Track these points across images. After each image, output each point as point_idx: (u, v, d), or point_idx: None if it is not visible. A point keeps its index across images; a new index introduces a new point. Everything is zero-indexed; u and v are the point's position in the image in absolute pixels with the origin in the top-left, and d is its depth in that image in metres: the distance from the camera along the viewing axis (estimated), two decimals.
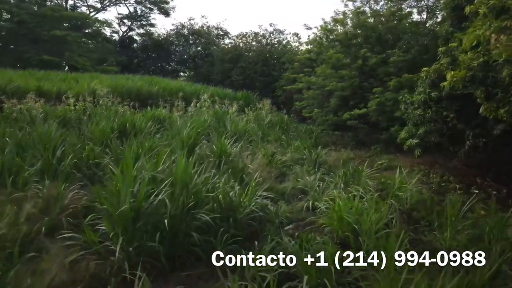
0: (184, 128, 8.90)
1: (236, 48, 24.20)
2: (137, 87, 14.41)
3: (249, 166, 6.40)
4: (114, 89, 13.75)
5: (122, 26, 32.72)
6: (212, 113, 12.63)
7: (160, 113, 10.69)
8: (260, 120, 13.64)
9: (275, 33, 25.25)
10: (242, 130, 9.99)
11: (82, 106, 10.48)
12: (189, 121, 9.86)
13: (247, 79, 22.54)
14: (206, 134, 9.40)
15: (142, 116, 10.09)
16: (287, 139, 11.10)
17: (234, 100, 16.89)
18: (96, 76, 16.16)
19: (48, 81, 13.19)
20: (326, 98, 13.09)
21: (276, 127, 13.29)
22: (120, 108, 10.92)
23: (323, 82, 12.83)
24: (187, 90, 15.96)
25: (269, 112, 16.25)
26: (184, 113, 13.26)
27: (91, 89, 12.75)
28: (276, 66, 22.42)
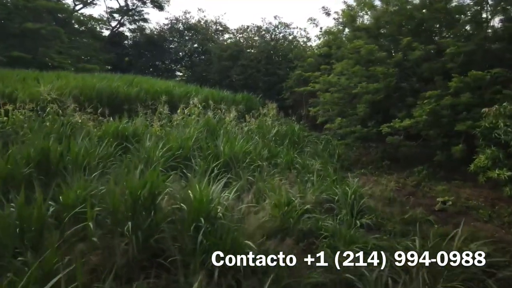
0: (154, 151, 6.00)
1: (236, 43, 21.29)
2: (111, 89, 11.50)
3: (248, 244, 3.42)
4: (81, 92, 10.87)
5: (112, 21, 29.86)
6: (203, 122, 9.73)
7: (127, 127, 7.76)
8: (265, 131, 10.73)
9: (280, 27, 22.32)
10: (240, 151, 7.07)
11: (19, 115, 7.58)
12: (167, 138, 6.97)
13: (249, 79, 19.63)
14: (187, 158, 6.49)
15: (101, 131, 7.20)
16: (303, 160, 8.18)
17: (232, 104, 13.95)
18: (65, 75, 13.26)
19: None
20: (350, 103, 10.17)
21: (286, 139, 10.38)
22: (77, 117, 8.02)
23: (346, 82, 9.89)
24: (175, 93, 13.05)
25: (275, 119, 13.34)
26: (168, 122, 10.37)
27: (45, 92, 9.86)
28: (282, 64, 19.48)
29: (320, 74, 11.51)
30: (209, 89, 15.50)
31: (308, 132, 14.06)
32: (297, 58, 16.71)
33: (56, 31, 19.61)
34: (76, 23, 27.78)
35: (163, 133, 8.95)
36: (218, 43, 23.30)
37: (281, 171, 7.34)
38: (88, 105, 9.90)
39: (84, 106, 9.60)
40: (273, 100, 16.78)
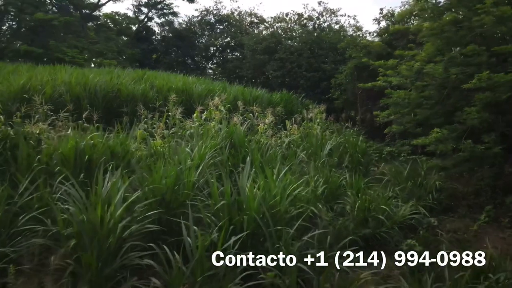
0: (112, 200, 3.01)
1: (273, 34, 18.16)
2: (109, 87, 8.73)
3: None
4: (69, 89, 8.18)
5: (139, 15, 27.69)
6: (226, 132, 6.68)
7: (114, 144, 4.83)
8: (314, 144, 7.51)
9: (325, 14, 18.95)
10: (282, 200, 3.82)
11: None
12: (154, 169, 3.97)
13: (288, 75, 16.43)
14: (175, 214, 3.45)
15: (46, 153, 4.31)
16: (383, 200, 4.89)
17: (268, 106, 10.85)
18: (62, 69, 10.72)
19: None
20: (444, 104, 6.74)
21: (345, 157, 7.12)
22: (32, 127, 5.20)
23: (439, 72, 6.46)
24: (195, 91, 10.11)
25: (325, 127, 10.08)
26: (179, 130, 7.44)
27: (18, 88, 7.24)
28: (329, 57, 16.12)
29: (398, 62, 8.09)
30: (239, 87, 12.46)
31: (369, 141, 10.72)
32: (349, 47, 13.30)
33: (70, 22, 17.41)
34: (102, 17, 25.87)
35: (165, 150, 6.04)
36: (253, 34, 20.28)
37: (355, 227, 4.14)
38: (75, 107, 7.20)
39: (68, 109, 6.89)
40: (318, 101, 13.55)
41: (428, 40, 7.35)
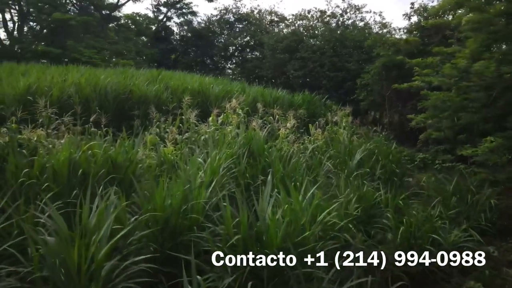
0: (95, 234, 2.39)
1: (294, 33, 17.39)
2: (121, 87, 8.22)
3: None
4: (78, 90, 7.72)
5: (158, 15, 27.43)
6: (244, 139, 6.01)
7: (116, 153, 4.24)
8: (342, 152, 6.75)
9: (349, 11, 18.05)
10: (312, 228, 3.10)
11: None
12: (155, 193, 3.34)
13: (309, 75, 15.65)
14: (177, 248, 2.81)
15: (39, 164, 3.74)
16: (430, 226, 4.10)
17: (290, 108, 10.14)
18: (75, 70, 10.32)
19: None
20: (492, 108, 5.87)
21: (376, 167, 6.33)
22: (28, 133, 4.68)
23: (489, 70, 5.59)
24: (212, 92, 9.50)
25: (351, 131, 9.27)
26: (194, 136, 6.83)
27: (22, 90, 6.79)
28: (354, 56, 15.25)
29: (439, 59, 7.23)
30: (258, 88, 11.79)
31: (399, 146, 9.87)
32: (377, 45, 12.42)
33: (88, 22, 17.17)
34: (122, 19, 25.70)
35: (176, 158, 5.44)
36: (273, 32, 19.56)
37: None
38: (83, 109, 6.70)
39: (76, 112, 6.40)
40: (341, 102, 12.74)
41: (470, 35, 6.48)
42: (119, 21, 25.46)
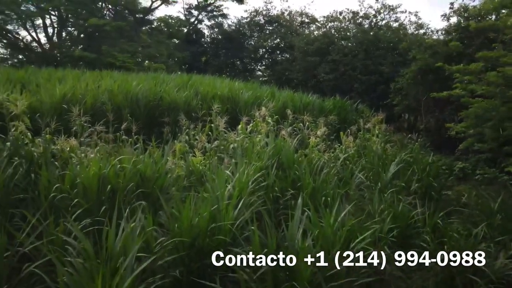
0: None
1: (325, 35, 17.07)
2: (152, 94, 8.32)
3: None
4: (111, 97, 7.87)
5: (190, 18, 27.77)
6: (273, 149, 5.87)
7: (145, 166, 4.22)
8: (375, 163, 6.46)
9: (383, 12, 17.49)
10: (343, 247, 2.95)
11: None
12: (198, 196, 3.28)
13: (340, 78, 15.28)
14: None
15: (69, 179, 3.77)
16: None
17: (320, 114, 9.92)
18: (108, 75, 10.57)
19: None
20: None
21: (413, 180, 6.01)
22: (59, 143, 4.75)
23: None
24: (242, 98, 9.43)
25: (385, 139, 8.91)
26: (222, 143, 6.77)
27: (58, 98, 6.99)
28: (387, 58, 14.75)
29: (482, 66, 6.79)
30: (288, 92, 11.61)
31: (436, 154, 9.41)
32: (413, 48, 11.92)
33: (121, 28, 17.62)
34: (155, 21, 26.24)
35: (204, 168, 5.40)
36: (304, 34, 19.29)
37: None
38: (115, 116, 6.81)
39: (107, 119, 6.52)
40: (374, 106, 12.33)
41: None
42: (152, 24, 26.01)
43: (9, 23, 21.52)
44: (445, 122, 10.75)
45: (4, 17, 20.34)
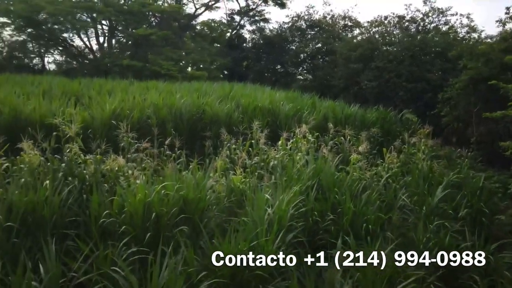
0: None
1: (369, 40, 16.63)
2: (194, 107, 8.55)
3: None
4: (155, 111, 8.20)
5: (232, 23, 28.19)
6: (313, 170, 5.82)
7: (187, 191, 4.36)
8: (421, 187, 6.18)
9: (432, 15, 16.74)
10: None
11: (34, 154, 4.87)
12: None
13: (384, 86, 14.82)
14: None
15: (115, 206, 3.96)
16: None
17: (362, 127, 9.69)
18: (154, 86, 11.01)
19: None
20: None
21: (460, 206, 5.69)
22: (110, 162, 5.01)
23: None
24: (282, 110, 9.42)
25: (432, 154, 8.53)
26: (262, 160, 6.82)
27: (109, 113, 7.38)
28: (436, 64, 14.11)
29: None
30: (330, 102, 11.44)
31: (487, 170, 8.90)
32: (464, 56, 11.31)
33: (166, 36, 18.26)
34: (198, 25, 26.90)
35: (244, 187, 5.47)
36: (346, 41, 18.91)
37: None
38: (160, 130, 7.09)
39: (151, 133, 6.81)
40: (419, 115, 11.82)
41: None
42: (195, 30, 26.70)
43: (65, 31, 23.06)
44: (499, 134, 10.10)
45: (60, 26, 21.79)
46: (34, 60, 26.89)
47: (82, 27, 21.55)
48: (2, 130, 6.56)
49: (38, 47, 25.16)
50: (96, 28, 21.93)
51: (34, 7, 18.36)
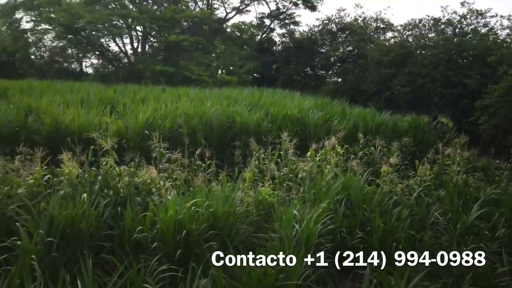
0: None
1: (402, 44, 16.21)
2: (225, 117, 8.67)
3: None
4: (187, 120, 8.39)
5: (261, 27, 28.32)
6: (342, 184, 5.76)
7: (217, 207, 4.48)
8: (456, 203, 5.98)
9: (470, 17, 16.09)
10: None
11: (74, 166, 5.13)
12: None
13: (418, 91, 14.40)
14: None
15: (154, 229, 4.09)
16: None
17: (394, 136, 9.47)
18: (185, 93, 11.26)
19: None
20: None
21: (496, 227, 5.45)
22: (144, 173, 5.19)
23: None
24: (311, 119, 9.37)
25: (467, 166, 8.20)
26: (291, 172, 6.82)
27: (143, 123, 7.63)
28: (473, 69, 13.56)
29: None
30: (360, 110, 11.25)
31: None
32: (504, 61, 10.81)
33: (198, 42, 18.62)
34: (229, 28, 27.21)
35: (273, 200, 5.52)
36: (378, 44, 18.53)
37: None
38: (191, 140, 7.26)
39: (182, 143, 6.99)
40: (455, 122, 11.37)
41: None
42: (225, 33, 27.04)
43: (101, 37, 24.04)
44: None
45: (97, 32, 22.74)
46: (73, 64, 28.29)
47: (117, 33, 22.41)
48: (44, 140, 7.01)
49: (76, 52, 26.41)
50: (131, 34, 22.71)
51: (74, 15, 19.26)
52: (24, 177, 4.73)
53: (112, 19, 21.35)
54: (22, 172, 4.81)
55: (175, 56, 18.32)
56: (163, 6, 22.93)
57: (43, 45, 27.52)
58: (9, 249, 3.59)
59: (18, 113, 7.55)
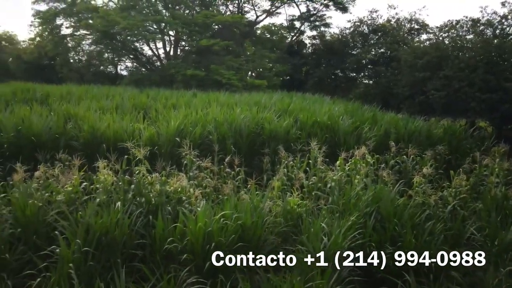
0: None
1: (437, 47, 15.65)
2: (254, 124, 8.72)
3: None
4: (217, 127, 8.51)
5: (291, 29, 28.24)
6: (372, 196, 5.65)
7: (245, 218, 4.54)
8: (495, 218, 5.71)
9: (510, 17, 15.31)
10: None
11: (109, 175, 5.34)
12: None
13: (454, 95, 13.85)
14: None
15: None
16: None
17: (427, 144, 9.17)
18: (215, 99, 11.41)
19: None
20: None
21: None
22: (173, 183, 5.31)
23: None
24: (341, 127, 9.23)
25: (506, 177, 7.80)
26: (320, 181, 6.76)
27: (173, 130, 7.81)
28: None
29: None
30: (392, 116, 10.96)
31: None
32: None
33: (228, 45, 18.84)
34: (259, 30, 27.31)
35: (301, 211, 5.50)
36: (412, 46, 18.00)
37: None
38: (220, 147, 7.37)
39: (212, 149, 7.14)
40: (495, 128, 10.89)
41: None
42: (255, 35, 27.16)
43: (136, 41, 24.84)
44: None
45: (132, 37, 23.52)
46: (109, 67, 29.42)
47: (151, 38, 23.08)
48: (82, 146, 7.34)
49: (112, 56, 27.45)
50: (163, 39, 23.33)
51: (111, 22, 20.02)
52: (63, 183, 4.98)
53: (146, 25, 22.02)
54: (61, 179, 5.06)
55: (205, 60, 18.64)
56: (195, 11, 23.37)
57: (82, 50, 28.84)
58: (48, 255, 3.79)
59: (58, 120, 7.93)
